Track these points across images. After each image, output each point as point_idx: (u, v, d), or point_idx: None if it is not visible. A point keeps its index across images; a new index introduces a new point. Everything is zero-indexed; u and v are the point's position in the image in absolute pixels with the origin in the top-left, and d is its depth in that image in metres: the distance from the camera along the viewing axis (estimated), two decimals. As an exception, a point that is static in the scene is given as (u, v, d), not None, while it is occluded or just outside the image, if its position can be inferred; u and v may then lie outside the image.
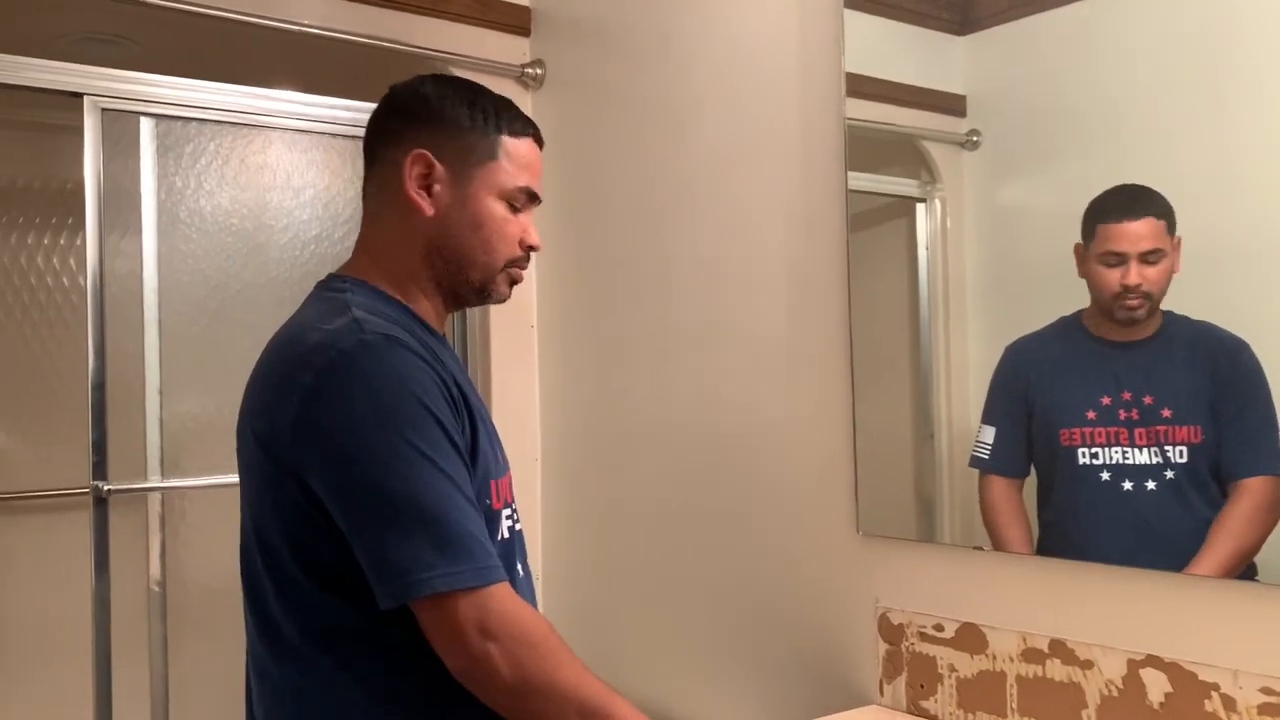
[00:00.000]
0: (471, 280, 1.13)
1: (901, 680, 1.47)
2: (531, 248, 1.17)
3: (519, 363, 2.17)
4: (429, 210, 1.11)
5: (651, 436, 1.93)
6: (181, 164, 1.92)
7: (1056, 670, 1.30)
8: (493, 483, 1.07)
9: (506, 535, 1.10)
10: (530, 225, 1.17)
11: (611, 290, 2.03)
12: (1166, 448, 1.18)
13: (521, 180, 1.14)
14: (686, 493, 1.86)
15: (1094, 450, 1.23)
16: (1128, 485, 1.21)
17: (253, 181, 1.97)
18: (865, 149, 1.57)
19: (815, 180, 1.63)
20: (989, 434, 1.36)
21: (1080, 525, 1.27)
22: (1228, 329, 1.14)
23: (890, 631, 1.49)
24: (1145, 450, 1.19)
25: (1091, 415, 1.24)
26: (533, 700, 0.97)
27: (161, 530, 1.87)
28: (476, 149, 1.12)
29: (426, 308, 1.14)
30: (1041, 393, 1.32)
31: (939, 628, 1.43)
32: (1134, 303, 1.20)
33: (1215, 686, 1.15)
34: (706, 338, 1.82)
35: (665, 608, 1.89)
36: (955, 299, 1.46)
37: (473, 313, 2.17)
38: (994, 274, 1.41)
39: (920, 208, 1.52)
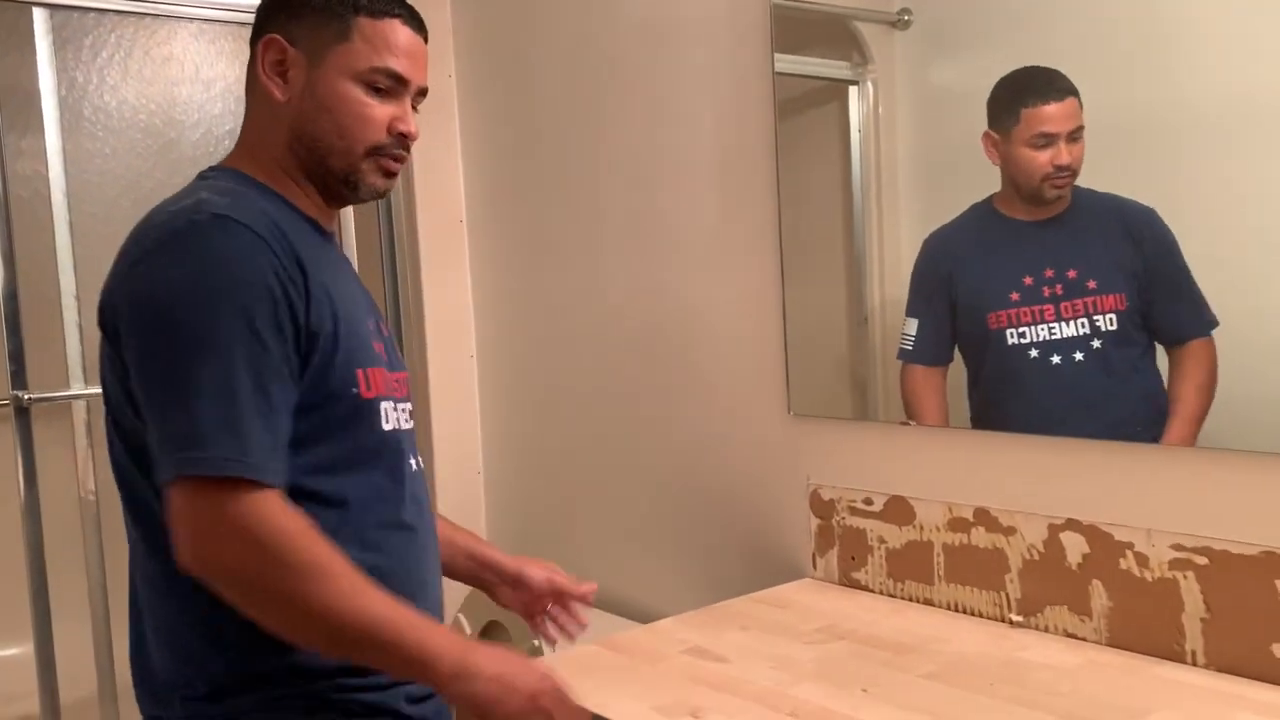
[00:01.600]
0: (333, 168, 1.08)
1: (834, 554, 1.52)
2: (403, 135, 1.10)
3: (449, 259, 2.14)
4: (282, 95, 1.07)
5: (585, 327, 1.93)
6: (81, 58, 1.83)
7: (981, 538, 1.35)
8: (361, 371, 1.04)
9: (390, 426, 1.07)
10: (404, 111, 1.10)
11: (540, 182, 1.99)
12: (1095, 317, 1.21)
13: (379, 60, 1.07)
14: (621, 381, 1.87)
15: (1021, 329, 1.26)
16: (1056, 359, 1.24)
17: (159, 75, 1.88)
18: (794, 30, 1.55)
19: (743, 64, 1.60)
20: (912, 326, 1.38)
21: (1011, 403, 1.31)
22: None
23: (821, 507, 1.53)
24: (1072, 323, 1.22)
25: (1015, 296, 1.26)
26: (269, 614, 0.94)
27: (89, 438, 1.83)
28: (328, 30, 1.07)
29: (306, 201, 1.10)
30: (964, 280, 1.34)
31: (868, 502, 1.47)
32: (1062, 181, 1.21)
33: (1130, 545, 1.20)
34: (636, 227, 1.81)
35: (605, 495, 1.92)
36: (888, 184, 1.46)
37: (399, 211, 2.12)
38: (928, 157, 1.41)
39: (852, 90, 1.51)
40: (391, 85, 1.08)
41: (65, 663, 1.79)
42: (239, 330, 0.94)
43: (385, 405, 1.07)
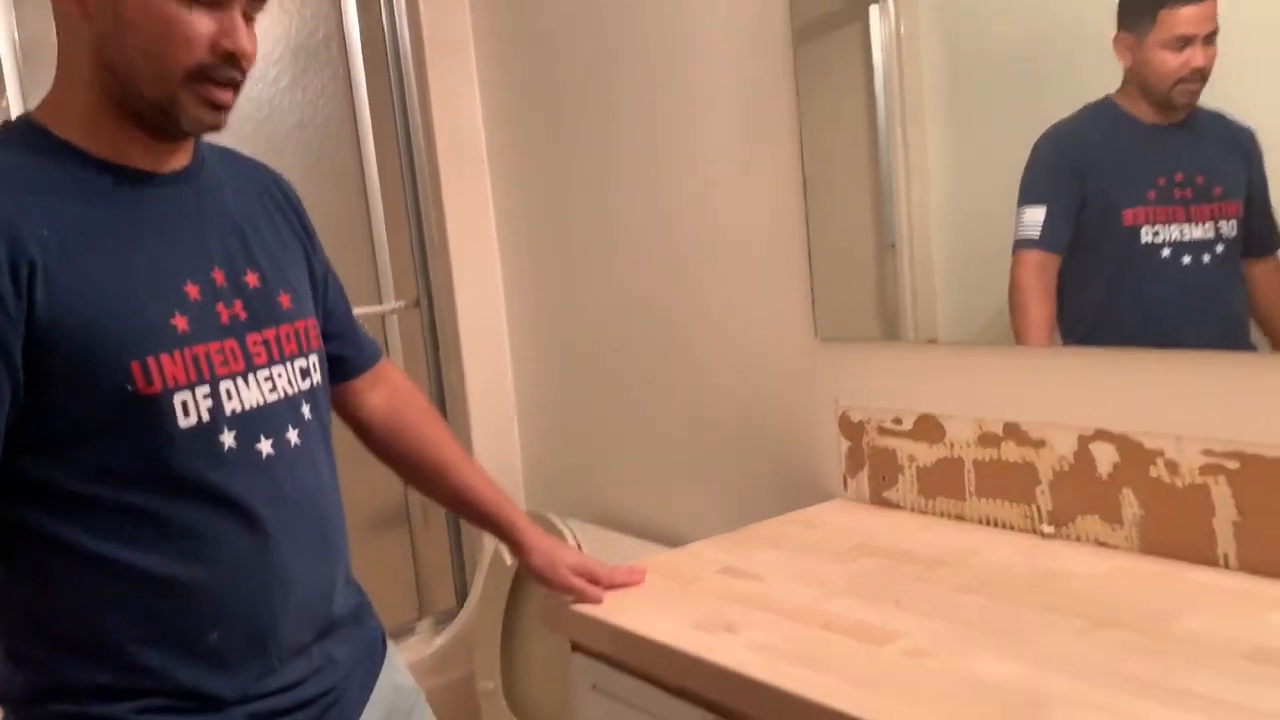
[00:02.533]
0: (146, 96, 0.91)
1: (864, 474, 1.53)
2: (231, 54, 0.91)
3: (472, 197, 2.14)
4: (79, 12, 0.90)
5: (610, 258, 1.94)
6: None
7: (1011, 452, 1.35)
8: (138, 363, 0.90)
9: (191, 422, 0.93)
10: (232, 24, 0.91)
11: (562, 116, 1.98)
12: (1220, 223, 1.20)
13: None
14: (648, 310, 1.88)
15: (1156, 228, 1.25)
16: (1186, 259, 1.23)
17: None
18: (810, -52, 1.52)
19: (758, -18, 1.58)
20: (1039, 213, 1.35)
21: (1133, 304, 1.28)
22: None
23: (851, 429, 1.54)
24: (1200, 226, 1.22)
25: (1151, 195, 1.24)
26: None
27: None
28: None
29: (125, 144, 0.94)
30: (1099, 175, 1.31)
31: (898, 421, 1.48)
32: (1196, 86, 1.19)
33: (1160, 453, 1.21)
34: (659, 156, 1.80)
35: (635, 423, 1.94)
36: (913, 105, 1.44)
37: (420, 150, 2.12)
38: (953, 75, 1.39)
39: (873, 10, 1.48)
40: None
41: None
42: None
43: (182, 399, 0.92)
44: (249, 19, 0.94)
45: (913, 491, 1.47)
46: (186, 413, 0.93)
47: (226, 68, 0.92)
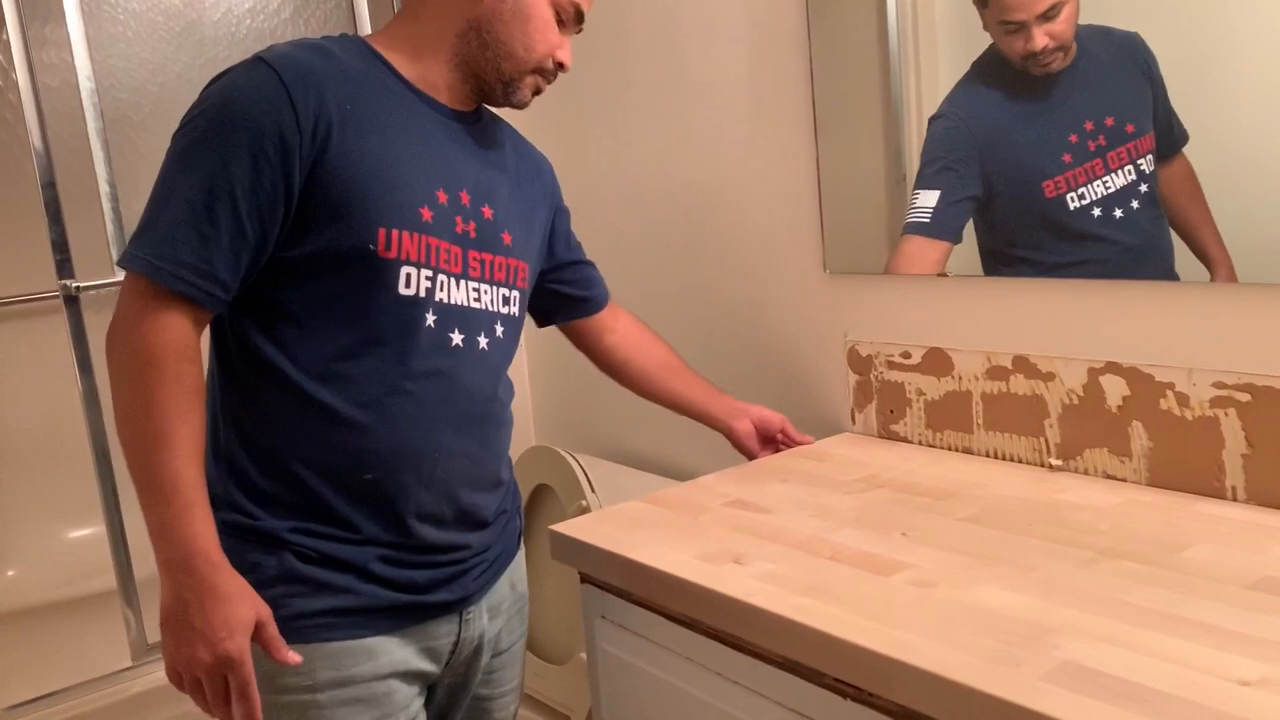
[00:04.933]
0: (502, 69, 1.16)
1: (872, 408, 1.53)
2: (561, 65, 1.20)
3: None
4: None
5: (618, 191, 1.92)
6: (93, -62, 1.79)
7: (1020, 385, 1.35)
8: (384, 230, 1.07)
9: (411, 291, 1.10)
10: (568, 44, 1.20)
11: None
12: (1139, 161, 1.17)
13: None
14: (657, 244, 1.86)
15: (1080, 190, 1.22)
16: (1118, 213, 1.20)
17: (174, -47, 1.85)
18: None
19: (769, -94, 1.54)
20: (930, 198, 1.34)
21: (1085, 267, 1.26)
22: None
23: (859, 363, 1.54)
24: (1119, 173, 1.19)
25: (1068, 158, 1.21)
26: (116, 411, 1.02)
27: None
28: None
29: (436, 81, 1.16)
30: (1007, 150, 1.28)
31: (906, 355, 1.47)
32: (1047, 60, 1.16)
33: (1170, 385, 1.20)
34: (668, 88, 1.77)
35: (644, 362, 1.93)
36: (926, 37, 1.41)
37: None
38: (966, 6, 1.36)
39: (886, -61, 1.45)
40: (571, 19, 1.19)
41: (136, 540, 1.88)
42: (213, 158, 1.01)
43: (407, 270, 1.09)
44: None
45: (921, 425, 1.47)
46: (408, 284, 1.10)
47: (555, 71, 1.20)
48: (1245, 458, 1.15)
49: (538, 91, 1.21)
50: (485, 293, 1.19)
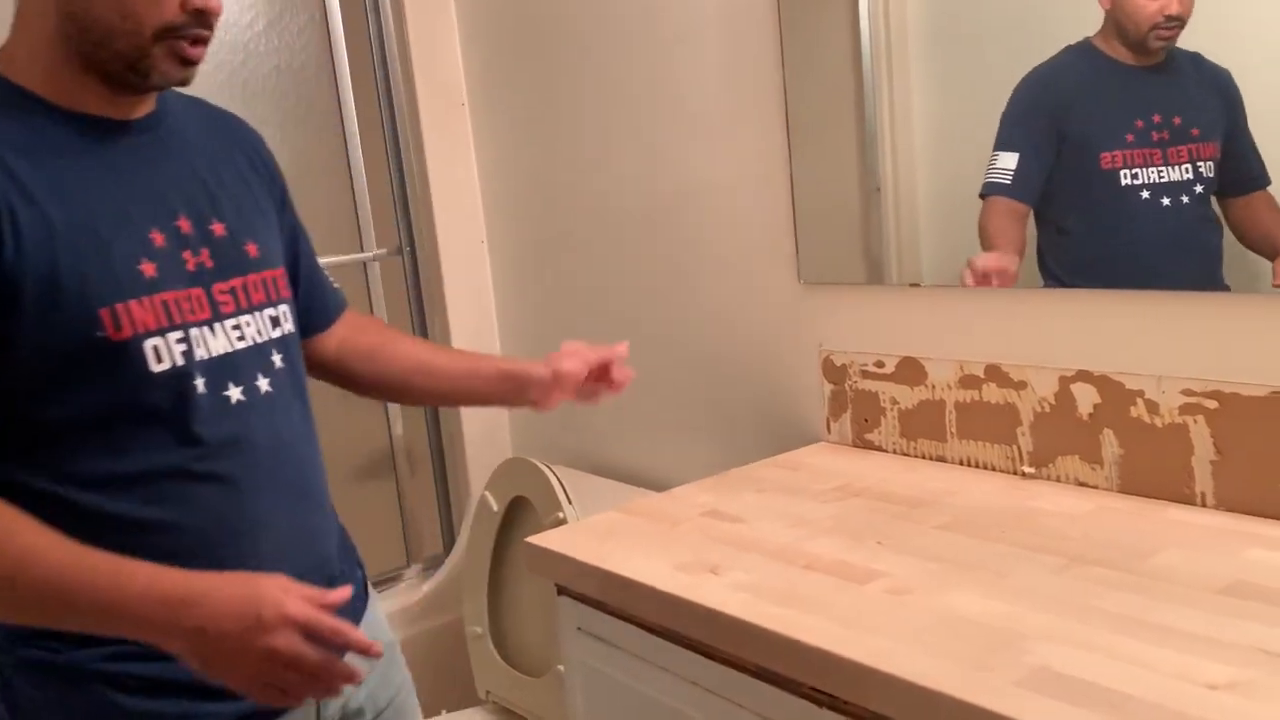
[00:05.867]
0: (117, 52, 0.91)
1: (846, 417, 1.54)
2: (199, 10, 0.92)
3: (453, 141, 2.12)
4: None
5: (593, 203, 1.92)
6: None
7: (992, 393, 1.36)
8: (107, 311, 0.90)
9: (164, 365, 0.94)
10: None
11: (541, 58, 1.96)
12: (1199, 164, 1.20)
13: None
14: (632, 255, 1.87)
15: (1134, 170, 1.24)
16: (1166, 201, 1.23)
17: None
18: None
19: (741, -80, 1.55)
20: (1010, 159, 1.34)
21: (1114, 246, 1.28)
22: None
23: (834, 372, 1.54)
24: (1178, 168, 1.21)
25: (1130, 138, 1.24)
26: None
27: None
28: None
29: (83, 94, 0.94)
30: (1076, 119, 1.30)
31: (880, 364, 1.48)
32: (1170, 32, 1.19)
33: (1140, 393, 1.21)
34: (640, 101, 1.78)
35: (620, 373, 1.94)
36: (898, 50, 1.43)
37: (399, 95, 2.09)
38: (939, 22, 1.37)
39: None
40: None
41: None
42: None
43: (152, 343, 0.93)
44: None
45: (895, 434, 1.48)
46: (159, 358, 0.94)
47: (196, 25, 0.92)
48: (1214, 464, 1.16)
49: (189, 60, 0.94)
50: (248, 325, 1.01)
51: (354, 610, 1.11)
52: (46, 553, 0.86)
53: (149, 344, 0.93)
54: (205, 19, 0.93)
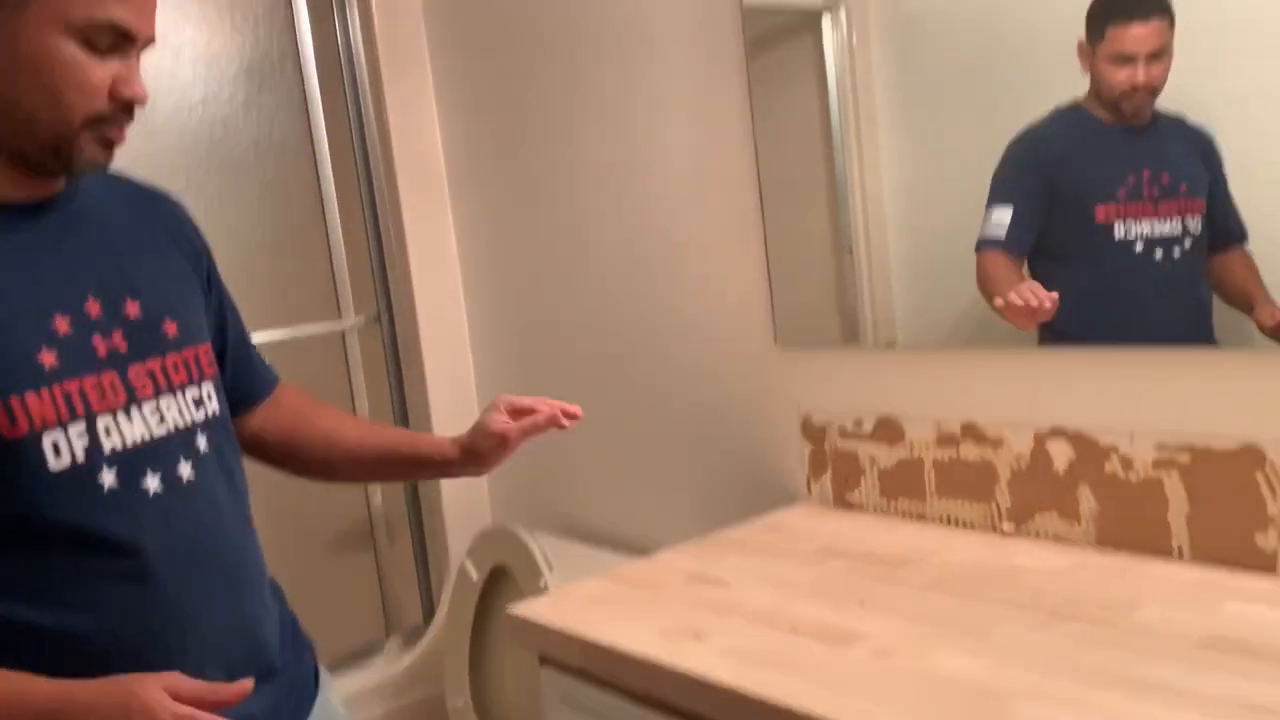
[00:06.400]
0: (40, 139, 0.88)
1: (827, 477, 1.55)
2: (129, 102, 0.90)
3: (431, 211, 2.14)
4: None
5: (570, 269, 1.94)
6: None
7: (970, 451, 1.37)
8: (1, 404, 0.85)
9: (64, 464, 0.89)
10: (130, 72, 0.90)
11: (519, 127, 1.99)
12: (1187, 218, 1.23)
13: (101, 11, 0.86)
14: (609, 320, 1.88)
15: (1127, 224, 1.27)
16: (1158, 254, 1.25)
17: (126, 43, 1.86)
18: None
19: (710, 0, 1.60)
20: (1005, 213, 1.37)
21: (1107, 298, 1.31)
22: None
23: (813, 433, 1.55)
24: (1168, 221, 1.25)
25: (1121, 192, 1.27)
26: None
27: None
28: None
29: None
30: (1069, 173, 1.34)
31: (858, 424, 1.49)
32: (1140, 100, 1.23)
33: (1114, 449, 1.23)
34: (614, 167, 1.81)
35: (599, 433, 1.94)
36: (866, 113, 1.46)
37: (378, 164, 2.12)
38: (905, 86, 1.41)
39: (826, 20, 1.50)
40: (114, 42, 0.89)
41: None
42: None
43: (52, 438, 0.88)
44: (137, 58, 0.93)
45: (875, 493, 1.49)
46: (58, 454, 0.88)
47: (123, 114, 0.91)
48: (1189, 518, 1.17)
49: (111, 143, 0.92)
50: (169, 408, 0.97)
51: (301, 698, 1.08)
52: None
53: (47, 440, 0.88)
54: (132, 109, 0.92)
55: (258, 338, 1.14)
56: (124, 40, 0.89)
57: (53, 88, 0.87)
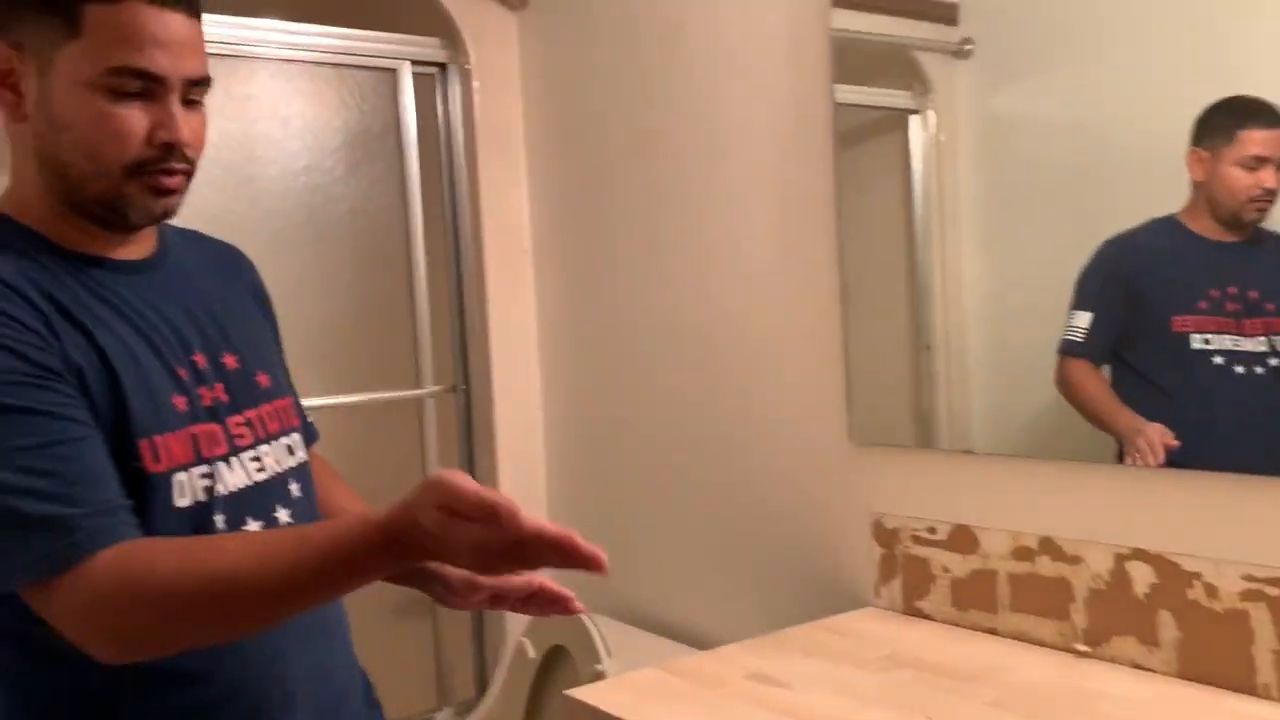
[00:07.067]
0: (92, 194, 0.90)
1: (897, 582, 1.52)
2: (169, 144, 0.90)
3: (515, 288, 2.18)
4: (15, 116, 0.90)
5: (646, 354, 1.96)
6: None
7: (1046, 567, 1.34)
8: (146, 442, 0.89)
9: (187, 501, 0.92)
10: (168, 114, 0.90)
11: (605, 210, 2.03)
12: (1274, 337, 1.22)
13: (118, 58, 0.87)
14: (683, 410, 1.89)
15: (1207, 336, 1.26)
16: (1239, 369, 1.24)
17: (239, 113, 1.96)
18: (854, 61, 1.56)
19: (802, 94, 1.62)
20: (1084, 319, 1.37)
21: (1191, 408, 1.29)
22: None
23: (884, 536, 1.53)
24: (1253, 339, 1.23)
25: (1203, 305, 1.26)
26: (215, 638, 0.87)
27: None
28: (54, 26, 0.87)
29: (78, 234, 0.94)
30: (1150, 283, 1.34)
31: (932, 530, 1.47)
32: (1265, 204, 1.23)
33: (1198, 575, 1.19)
34: (698, 253, 1.83)
35: (667, 522, 1.93)
36: (950, 212, 1.47)
37: (466, 239, 2.17)
38: (991, 186, 1.42)
39: (913, 120, 1.52)
40: (145, 86, 0.89)
41: None
42: None
43: (179, 478, 0.91)
44: (193, 104, 0.93)
45: (946, 603, 1.46)
46: (183, 493, 0.92)
47: (168, 158, 0.91)
48: (1277, 654, 1.13)
49: (167, 191, 0.92)
50: (266, 455, 1.00)
51: None
52: (267, 550, 0.82)
53: (176, 479, 0.91)
54: (177, 151, 0.91)
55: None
56: (154, 84, 0.89)
57: (88, 142, 0.89)
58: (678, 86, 1.84)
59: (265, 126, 1.98)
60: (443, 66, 2.16)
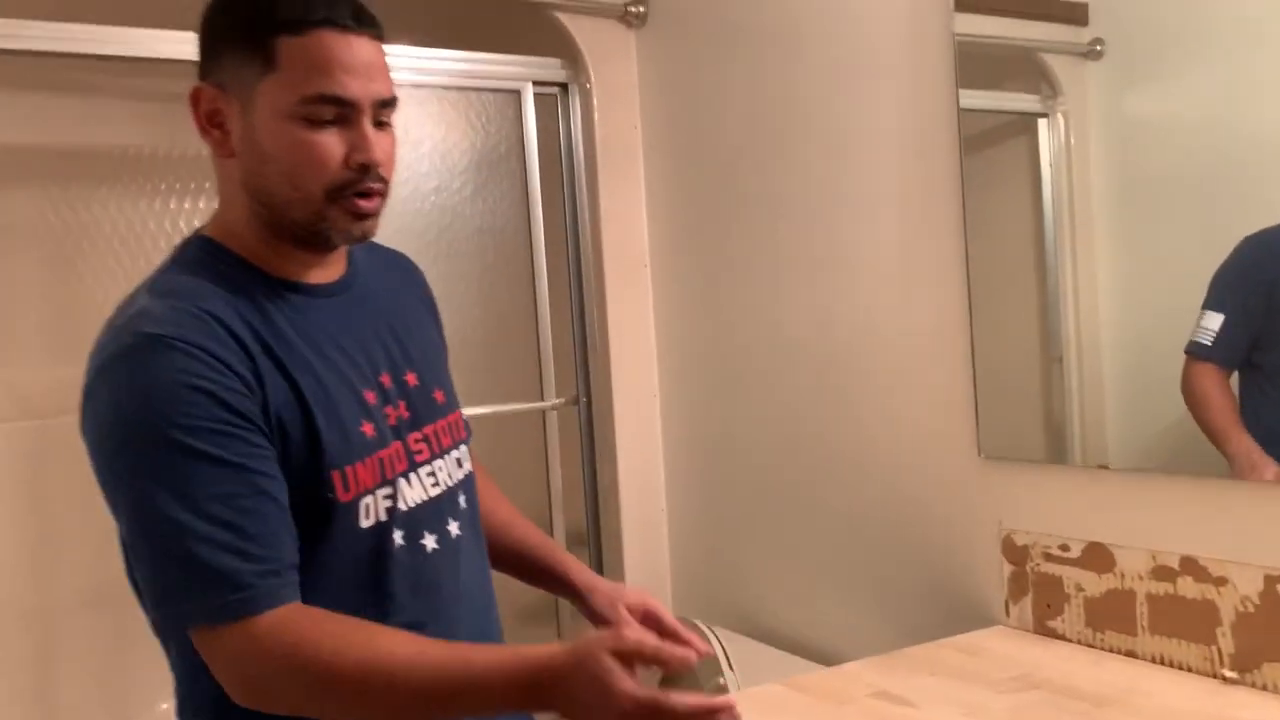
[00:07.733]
0: (296, 220, 0.95)
1: (1028, 601, 1.47)
2: (365, 165, 0.93)
3: (634, 301, 2.21)
4: (224, 151, 0.96)
5: (767, 364, 1.95)
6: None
7: (1188, 588, 1.28)
8: (338, 473, 0.93)
9: (370, 521, 0.96)
10: (361, 137, 0.93)
11: (724, 222, 2.03)
12: None
13: (309, 87, 0.91)
14: (805, 418, 1.87)
15: None
16: None
17: (374, 138, 2.04)
18: (980, 65, 1.53)
19: (926, 100, 1.60)
20: (1215, 320, 1.30)
21: None
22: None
23: (1015, 553, 1.49)
24: None
25: None
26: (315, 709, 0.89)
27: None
28: (252, 63, 0.92)
29: (283, 261, 0.98)
30: None
31: (1064, 548, 1.42)
32: None
33: (1358, 600, 1.12)
34: (819, 264, 1.82)
35: (790, 535, 1.92)
36: (1082, 218, 1.42)
37: (586, 254, 2.21)
38: (1124, 189, 1.37)
39: (1042, 123, 1.48)
40: (338, 112, 0.92)
41: None
42: (179, 464, 0.86)
43: (366, 501, 0.95)
44: (383, 125, 0.96)
45: (1079, 622, 1.41)
46: (368, 515, 0.96)
47: (365, 179, 0.94)
48: None
49: (363, 214, 0.96)
50: (440, 470, 1.03)
51: None
52: (421, 656, 0.87)
53: (364, 502, 0.95)
54: (372, 172, 0.94)
55: (468, 412, 1.21)
56: (347, 108, 0.93)
57: (290, 170, 0.93)
58: (797, 97, 1.83)
59: (398, 150, 2.06)
60: (564, 86, 2.20)
